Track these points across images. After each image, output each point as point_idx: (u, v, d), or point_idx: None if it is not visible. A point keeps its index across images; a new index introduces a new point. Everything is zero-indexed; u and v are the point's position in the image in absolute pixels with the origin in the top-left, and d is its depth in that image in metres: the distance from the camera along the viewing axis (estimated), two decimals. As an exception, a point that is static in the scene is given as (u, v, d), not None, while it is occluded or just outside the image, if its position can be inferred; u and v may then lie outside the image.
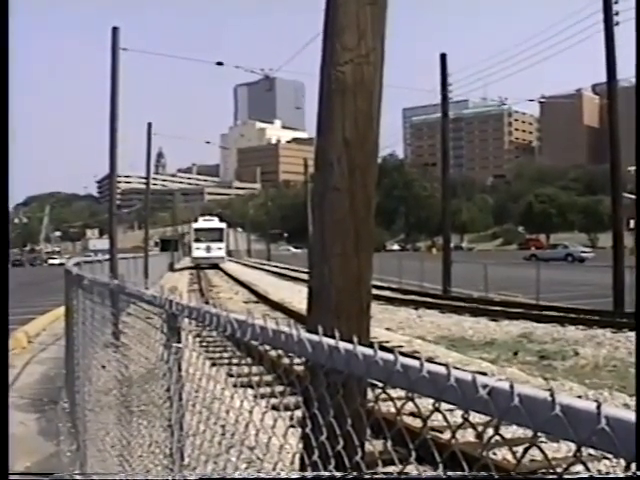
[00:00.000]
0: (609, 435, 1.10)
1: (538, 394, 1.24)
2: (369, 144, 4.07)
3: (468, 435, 7.79)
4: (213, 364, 9.51)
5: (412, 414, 7.93)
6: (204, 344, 14.22)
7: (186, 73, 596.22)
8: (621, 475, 1.15)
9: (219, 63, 30.90)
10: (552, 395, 1.19)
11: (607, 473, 6.62)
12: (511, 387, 1.27)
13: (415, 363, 1.52)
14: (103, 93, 22.86)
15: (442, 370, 1.43)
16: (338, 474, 2.04)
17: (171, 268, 64.85)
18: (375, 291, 25.28)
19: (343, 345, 1.76)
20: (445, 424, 1.95)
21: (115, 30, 22.86)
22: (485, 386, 1.32)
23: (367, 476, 2.03)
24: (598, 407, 1.12)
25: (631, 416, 1.10)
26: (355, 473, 2.05)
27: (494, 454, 7.33)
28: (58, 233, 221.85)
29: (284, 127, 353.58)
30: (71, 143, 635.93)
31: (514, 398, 1.25)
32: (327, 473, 2.07)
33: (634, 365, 13.44)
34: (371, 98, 4.06)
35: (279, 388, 8.21)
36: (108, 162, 22.60)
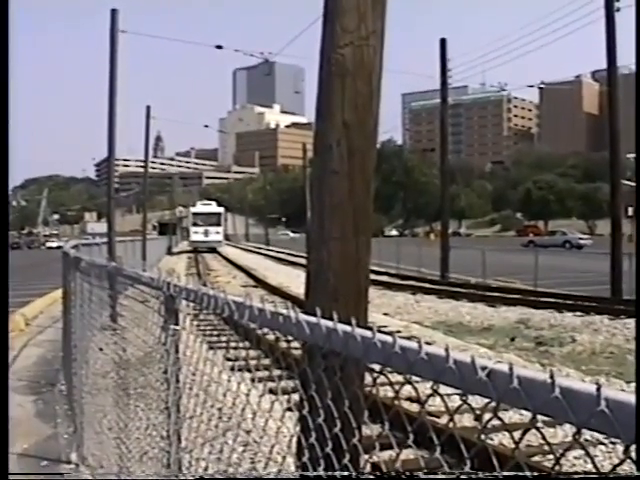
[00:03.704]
0: (608, 417, 1.09)
1: (537, 376, 1.23)
2: (368, 127, 4.05)
3: (465, 420, 7.81)
4: (210, 347, 9.52)
5: (410, 399, 7.96)
6: (201, 327, 14.24)
7: (185, 56, 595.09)
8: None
9: (218, 46, 30.72)
10: (552, 377, 1.18)
11: (603, 459, 6.65)
12: (510, 369, 1.26)
13: (414, 345, 1.51)
14: (102, 76, 22.73)
15: (441, 352, 1.43)
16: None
17: (169, 252, 64.90)
18: (373, 276, 25.27)
19: (341, 327, 1.75)
20: (443, 409, 1.94)
21: (114, 12, 22.72)
22: (484, 368, 1.31)
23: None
24: (598, 389, 1.12)
25: (631, 398, 1.09)
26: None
27: (491, 439, 7.35)
28: (56, 216, 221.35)
29: (283, 112, 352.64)
30: (70, 126, 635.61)
31: (513, 380, 1.24)
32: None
33: (632, 351, 13.48)
34: (371, 81, 4.04)
35: (276, 372, 8.22)
36: (106, 145, 22.51)
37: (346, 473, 1.99)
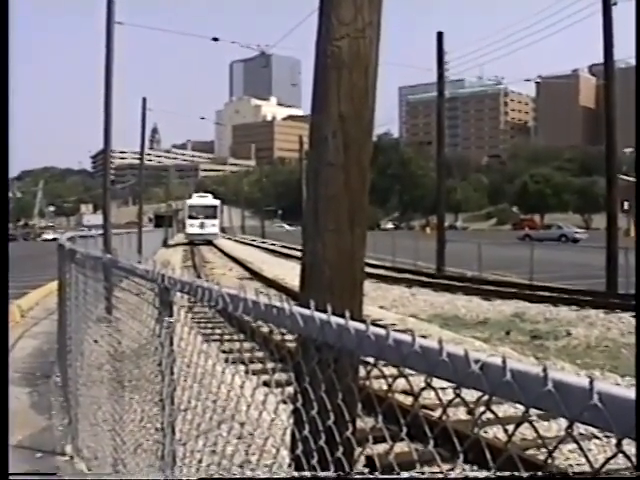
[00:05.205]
0: (601, 411, 1.09)
1: (530, 370, 1.23)
2: (364, 119, 4.05)
3: (460, 414, 7.82)
4: (205, 340, 9.53)
5: (404, 392, 7.96)
6: (196, 320, 14.23)
7: (182, 48, 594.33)
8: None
9: (215, 39, 30.66)
10: (545, 371, 1.18)
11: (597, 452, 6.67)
12: (503, 362, 1.25)
13: (407, 338, 1.51)
14: (98, 67, 22.63)
15: (434, 345, 1.42)
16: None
17: (165, 244, 64.91)
18: (369, 269, 25.31)
19: (335, 319, 1.75)
20: (437, 402, 1.95)
21: (110, 3, 22.63)
22: (477, 361, 1.31)
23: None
24: (590, 383, 1.11)
25: (623, 392, 1.09)
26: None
27: (486, 432, 7.36)
28: (52, 208, 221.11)
29: (280, 104, 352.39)
30: (66, 118, 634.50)
31: (506, 373, 1.24)
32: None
33: (628, 345, 13.51)
34: (367, 73, 4.03)
35: (270, 364, 8.24)
36: (102, 137, 22.45)
37: (344, 473, 1.99)
